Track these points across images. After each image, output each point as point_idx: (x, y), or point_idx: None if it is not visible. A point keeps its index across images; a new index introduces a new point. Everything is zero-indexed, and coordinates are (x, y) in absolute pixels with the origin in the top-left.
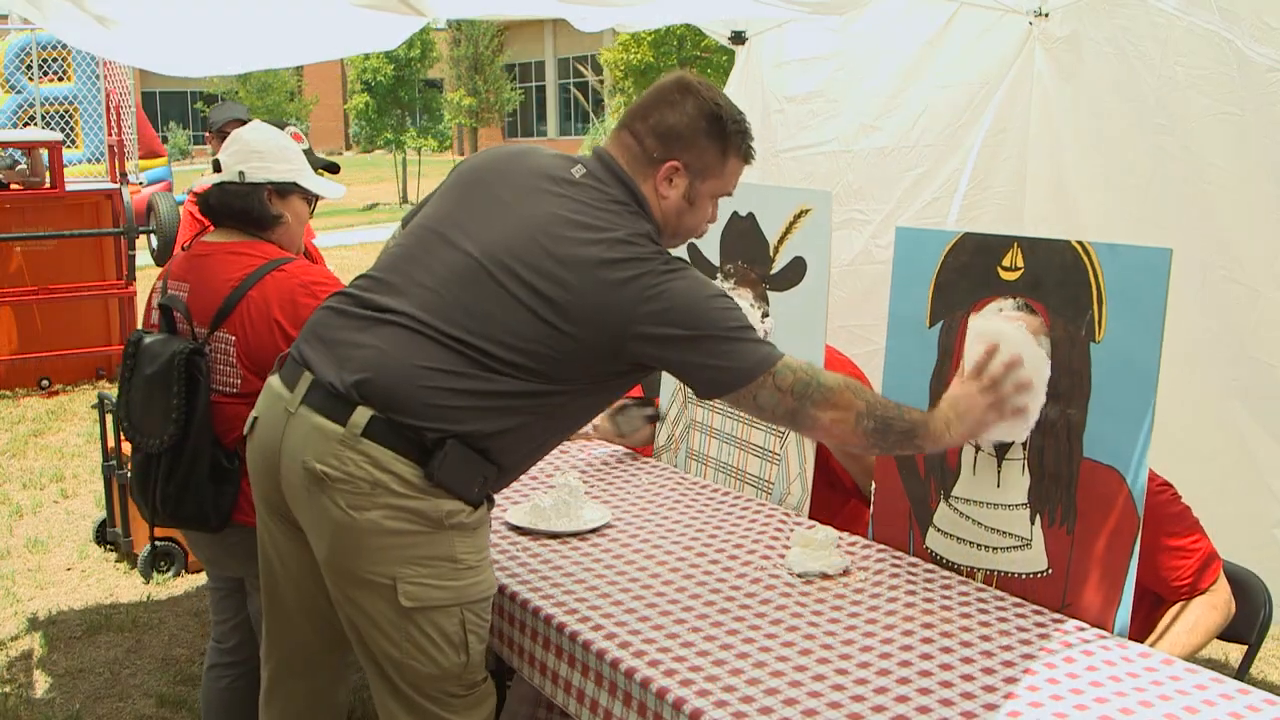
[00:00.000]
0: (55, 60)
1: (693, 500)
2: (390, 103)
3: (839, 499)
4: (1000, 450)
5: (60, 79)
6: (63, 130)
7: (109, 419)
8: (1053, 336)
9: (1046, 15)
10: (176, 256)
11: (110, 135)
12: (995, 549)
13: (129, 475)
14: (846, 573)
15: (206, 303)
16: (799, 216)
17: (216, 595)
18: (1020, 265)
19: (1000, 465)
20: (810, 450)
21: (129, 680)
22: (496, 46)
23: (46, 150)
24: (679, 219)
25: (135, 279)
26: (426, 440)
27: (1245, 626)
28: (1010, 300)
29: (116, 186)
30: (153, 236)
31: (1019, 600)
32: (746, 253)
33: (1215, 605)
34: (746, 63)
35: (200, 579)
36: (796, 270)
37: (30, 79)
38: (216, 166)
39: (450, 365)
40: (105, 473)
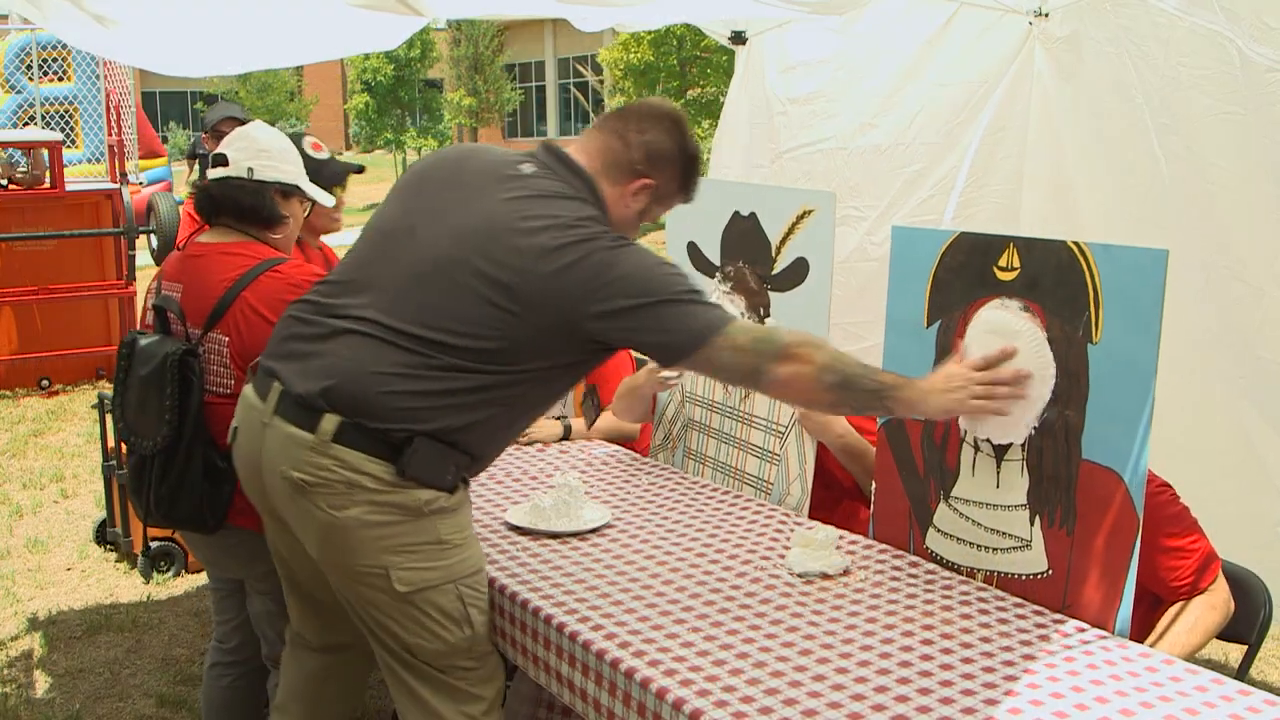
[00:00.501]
0: (55, 60)
1: (693, 500)
2: (390, 103)
3: (833, 498)
4: (999, 451)
5: (60, 79)
6: (63, 130)
7: (109, 419)
8: (1050, 337)
9: (1046, 15)
10: (171, 257)
11: (110, 135)
12: (995, 550)
13: (126, 476)
14: (846, 573)
15: (200, 303)
16: (802, 217)
17: (217, 596)
18: (1017, 265)
19: (999, 466)
20: (811, 451)
21: (129, 680)
22: (496, 46)
23: (46, 150)
24: (623, 226)
25: (135, 279)
26: (394, 439)
27: (1245, 626)
28: (1017, 300)
29: (116, 186)
30: (153, 236)
31: (1019, 600)
32: (748, 253)
33: (1215, 605)
34: (748, 65)
35: (200, 579)
36: (799, 271)
37: (30, 79)
38: (206, 163)
39: (410, 367)
40: (105, 473)
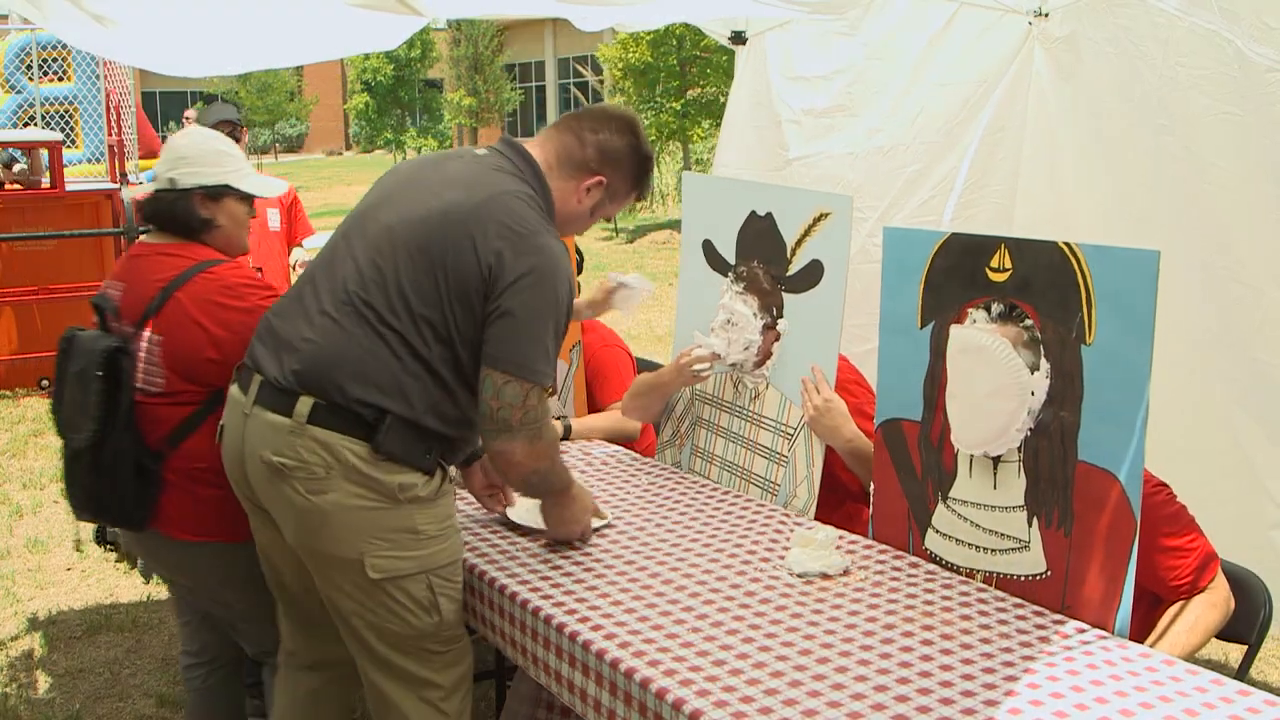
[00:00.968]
0: (55, 60)
1: (693, 500)
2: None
3: (835, 499)
4: (994, 453)
5: (60, 79)
6: (63, 130)
7: None
8: (1044, 339)
9: (1046, 15)
10: (121, 256)
11: (110, 135)
12: (994, 551)
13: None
14: (846, 573)
15: (135, 302)
16: (818, 220)
17: (173, 599)
18: (1008, 266)
19: (996, 468)
20: (819, 454)
21: (129, 680)
22: (496, 46)
23: (46, 150)
24: (575, 220)
25: None
26: (366, 418)
27: (1245, 626)
28: (985, 312)
29: (116, 186)
30: None
31: (1019, 601)
32: (763, 252)
33: (1214, 604)
34: (749, 66)
35: None
36: (813, 273)
37: (30, 79)
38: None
39: (373, 345)
40: None
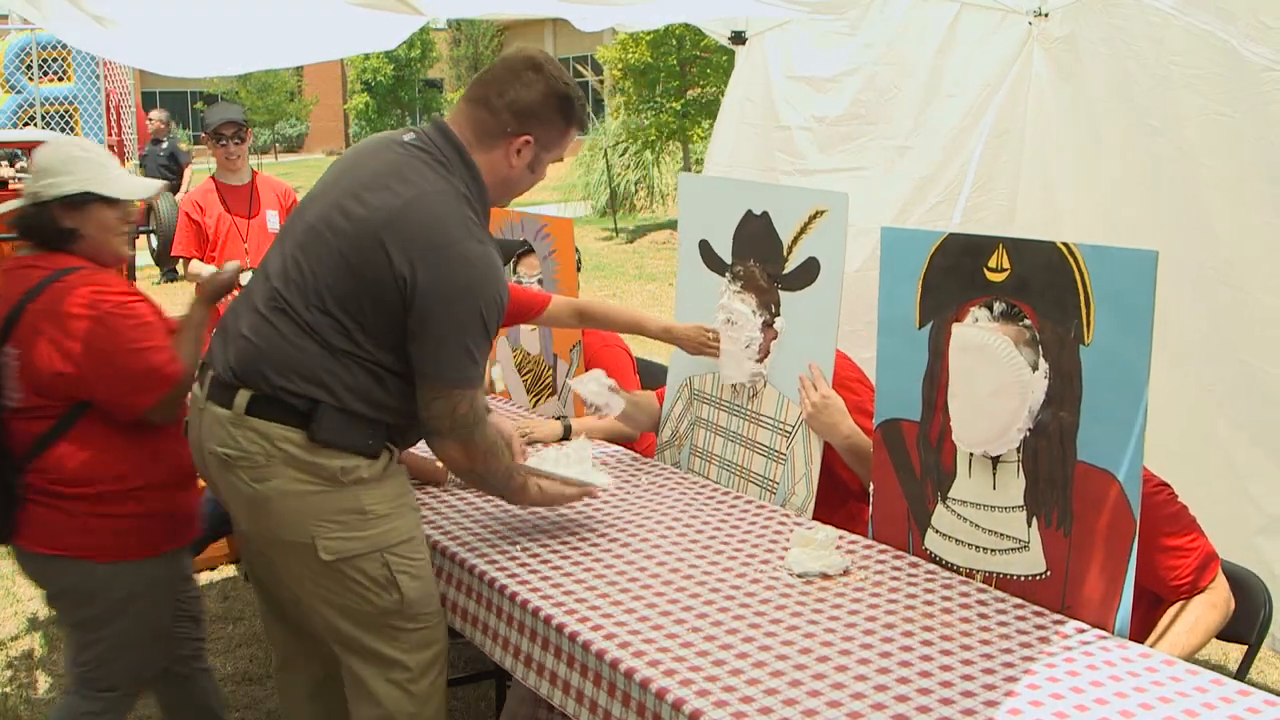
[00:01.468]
0: (55, 60)
1: (692, 500)
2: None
3: (838, 498)
4: (995, 453)
5: (60, 79)
6: (63, 130)
7: None
8: (1042, 339)
9: (1046, 15)
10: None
11: (110, 135)
12: (993, 551)
13: None
14: (846, 573)
15: (0, 319)
16: (814, 217)
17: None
18: (1007, 266)
19: (995, 468)
20: (817, 451)
21: None
22: (496, 46)
23: None
24: (518, 182)
25: (135, 279)
26: (299, 408)
27: (1245, 626)
28: (987, 311)
29: None
30: (152, 236)
31: (1019, 601)
32: (759, 251)
33: (1215, 604)
34: (748, 68)
35: (201, 579)
36: (810, 271)
37: (30, 79)
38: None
39: (294, 337)
40: None
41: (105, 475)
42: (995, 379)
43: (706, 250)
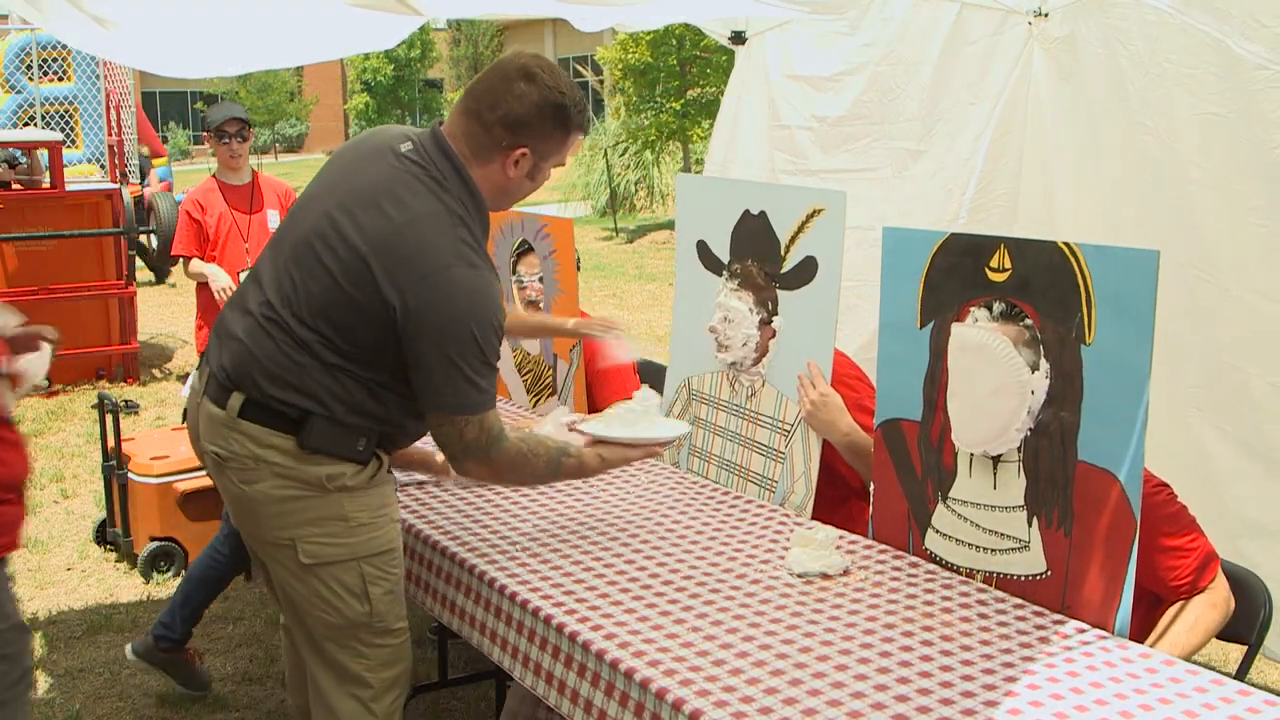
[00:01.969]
0: (55, 60)
1: (693, 500)
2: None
3: (838, 496)
4: (995, 453)
5: (60, 79)
6: (63, 130)
7: (109, 419)
8: (1044, 339)
9: (1046, 15)
10: None
11: (110, 135)
12: (994, 551)
13: (127, 476)
14: (846, 573)
15: None
16: (811, 216)
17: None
18: (1008, 266)
19: (996, 468)
20: (816, 449)
21: (129, 680)
22: (496, 46)
23: (46, 150)
24: (518, 189)
25: (135, 279)
26: (291, 415)
27: (1245, 626)
28: (986, 311)
29: (116, 186)
30: (153, 236)
31: (1019, 601)
32: (757, 251)
33: (1215, 603)
34: (747, 68)
35: None
36: (807, 270)
37: (30, 79)
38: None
39: (290, 350)
40: (105, 473)
41: None
42: (994, 379)
43: (704, 250)
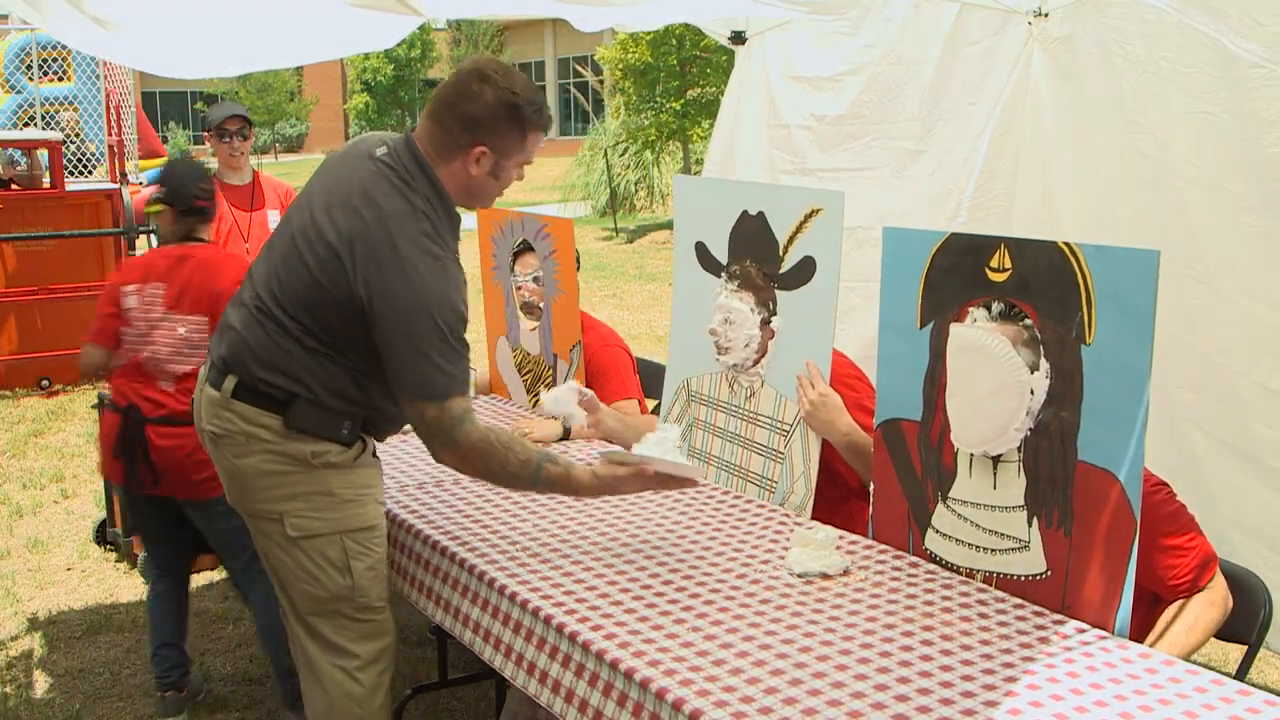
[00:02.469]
0: (55, 60)
1: (693, 500)
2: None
3: (839, 496)
4: (994, 453)
5: (60, 79)
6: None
7: None
8: (1044, 339)
9: (1046, 15)
10: None
11: (110, 135)
12: (994, 551)
13: None
14: (846, 573)
15: None
16: (810, 216)
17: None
18: (1008, 266)
19: (996, 468)
20: (815, 449)
21: (129, 680)
22: (496, 46)
23: (46, 150)
24: (482, 188)
25: None
26: (278, 397)
27: (1245, 626)
28: (985, 311)
29: (116, 186)
30: (153, 236)
31: (1019, 601)
32: (755, 251)
33: (1214, 602)
34: (748, 68)
35: (200, 579)
36: (806, 270)
37: (30, 79)
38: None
39: (278, 338)
40: None
41: None
42: (993, 379)
43: (703, 251)
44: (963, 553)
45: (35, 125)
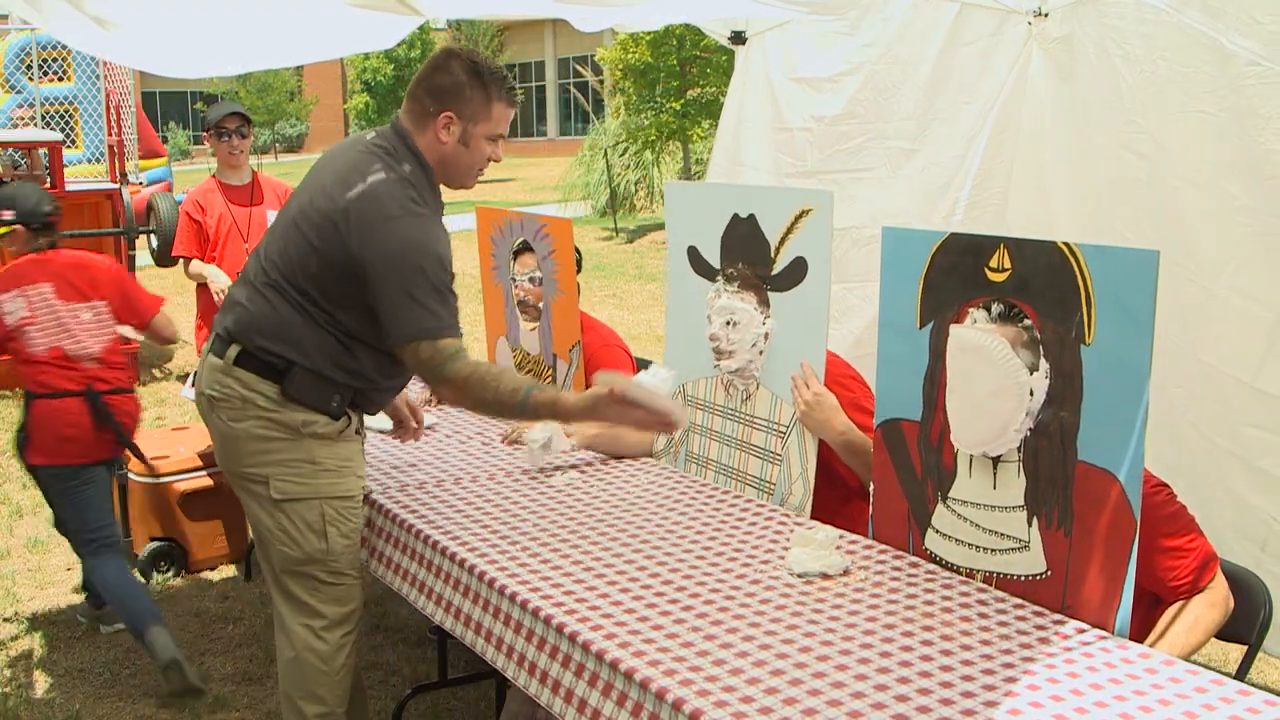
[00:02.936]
0: (55, 60)
1: (692, 500)
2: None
3: (839, 497)
4: (994, 453)
5: (60, 79)
6: (63, 130)
7: None
8: (1043, 339)
9: (1046, 15)
10: None
11: (110, 135)
12: (994, 551)
13: (128, 476)
14: (846, 573)
15: None
16: (800, 217)
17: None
18: (1008, 266)
19: (996, 468)
20: (812, 450)
21: (129, 680)
22: (496, 46)
23: (46, 150)
24: (457, 159)
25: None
26: (277, 365)
27: (1245, 626)
28: (985, 312)
29: (116, 186)
30: (152, 236)
31: (1019, 601)
32: (748, 254)
33: (1214, 603)
34: (748, 68)
35: (201, 579)
36: (798, 271)
37: (30, 79)
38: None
39: (280, 308)
40: None
41: None
42: (993, 380)
43: (695, 256)
44: (963, 553)
45: (35, 125)
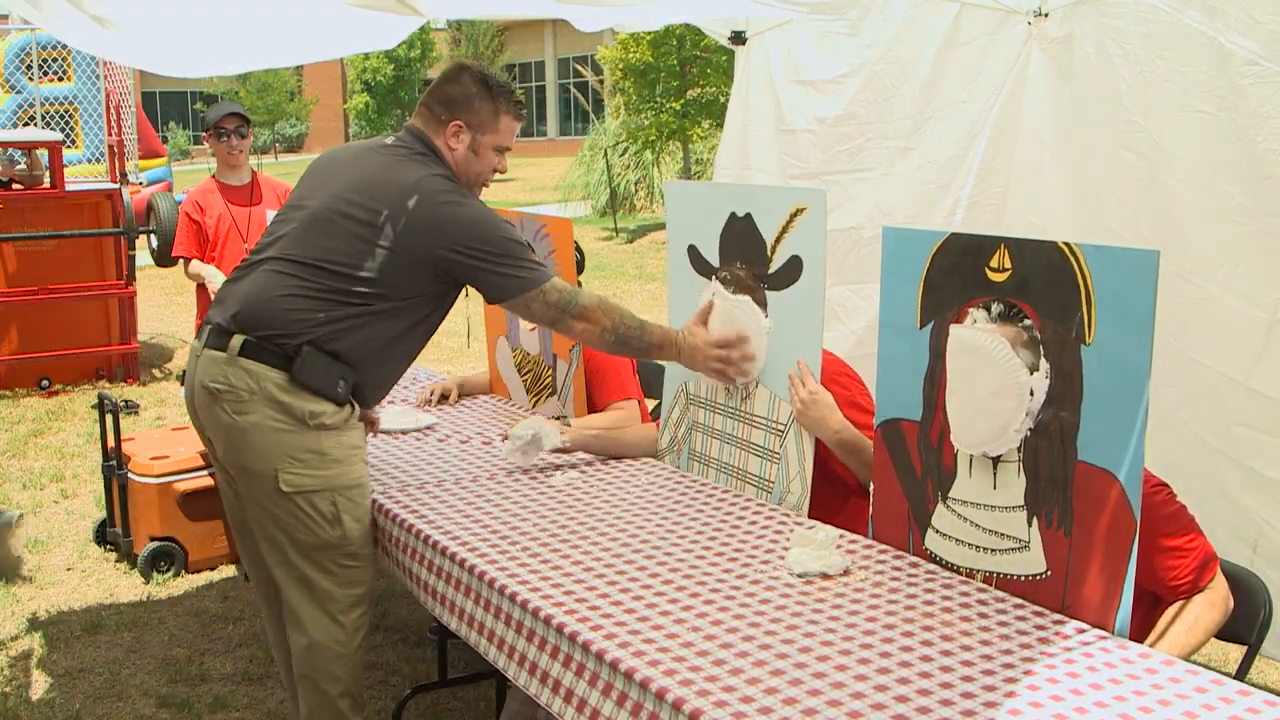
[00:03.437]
0: (55, 60)
1: (693, 500)
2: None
3: (839, 497)
4: (994, 453)
5: (60, 79)
6: (63, 130)
7: (109, 419)
8: (1043, 339)
9: (1046, 15)
10: None
11: (110, 135)
12: (994, 551)
13: (128, 476)
14: (846, 573)
15: None
16: (795, 215)
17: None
18: (1008, 266)
19: (996, 468)
20: (809, 448)
21: (129, 680)
22: (497, 46)
23: (46, 150)
24: (467, 167)
25: (135, 279)
26: (287, 349)
27: (1245, 626)
28: (985, 312)
29: (116, 186)
30: (152, 236)
31: (1019, 601)
32: (744, 254)
33: (1214, 603)
34: (749, 69)
35: (201, 579)
36: (793, 269)
37: (30, 79)
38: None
39: (299, 289)
40: (105, 473)
41: None
42: (993, 380)
43: (695, 255)
44: (963, 553)
45: (35, 125)
